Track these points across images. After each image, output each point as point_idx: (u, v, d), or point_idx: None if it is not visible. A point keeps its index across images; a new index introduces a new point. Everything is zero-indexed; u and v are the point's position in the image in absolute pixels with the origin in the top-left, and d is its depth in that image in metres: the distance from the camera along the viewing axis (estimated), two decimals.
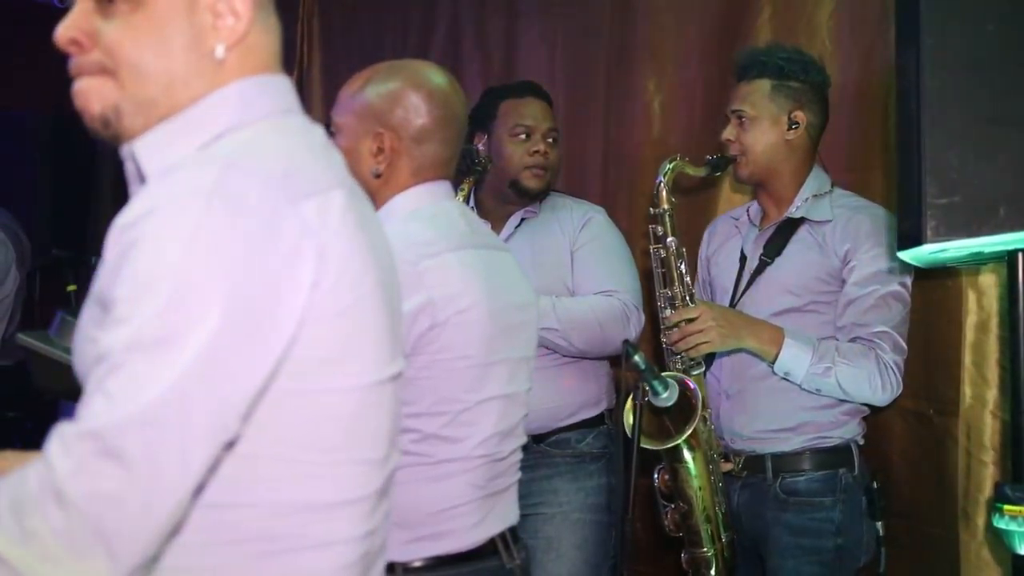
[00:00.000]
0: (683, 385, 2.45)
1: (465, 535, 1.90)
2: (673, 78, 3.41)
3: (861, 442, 2.64)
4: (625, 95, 3.51)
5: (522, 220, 2.99)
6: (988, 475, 2.63)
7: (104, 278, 1.15)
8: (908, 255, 1.83)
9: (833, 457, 2.58)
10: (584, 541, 2.84)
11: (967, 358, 2.69)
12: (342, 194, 1.26)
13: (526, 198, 2.96)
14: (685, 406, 2.46)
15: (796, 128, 2.64)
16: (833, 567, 2.53)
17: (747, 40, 3.15)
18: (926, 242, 1.71)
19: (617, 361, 2.93)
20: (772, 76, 2.64)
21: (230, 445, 1.16)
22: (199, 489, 1.14)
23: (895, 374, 2.51)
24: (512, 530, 2.00)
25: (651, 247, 2.66)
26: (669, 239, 2.64)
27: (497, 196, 2.98)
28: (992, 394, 2.65)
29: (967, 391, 2.69)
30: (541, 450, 2.84)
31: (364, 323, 1.27)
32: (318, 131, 1.37)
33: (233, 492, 1.20)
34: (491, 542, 1.94)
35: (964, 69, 1.71)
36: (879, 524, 2.56)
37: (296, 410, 1.22)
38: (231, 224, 1.12)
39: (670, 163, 2.68)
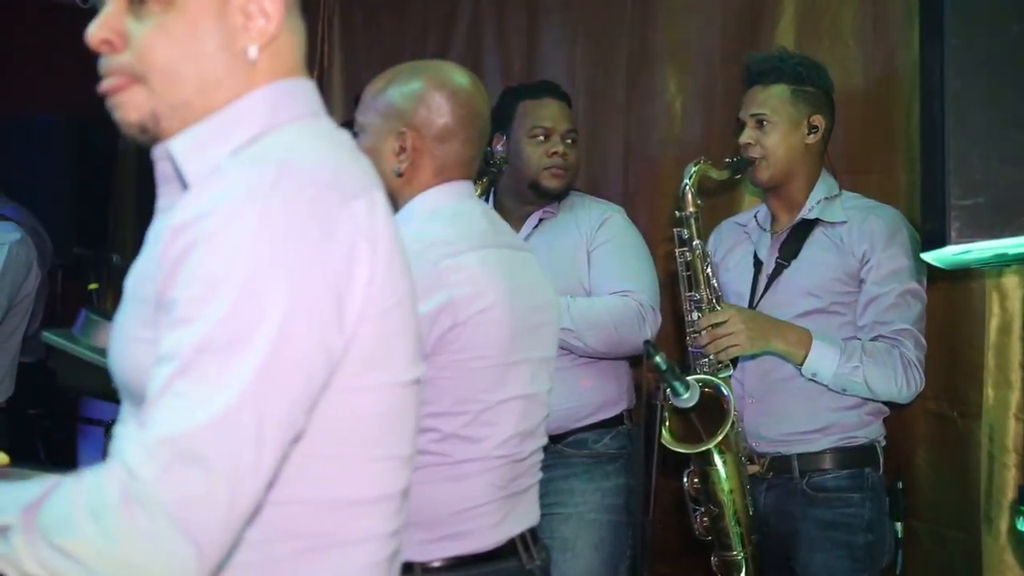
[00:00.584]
0: (716, 390, 2.47)
1: (485, 535, 1.90)
2: (694, 79, 3.41)
3: (883, 443, 2.65)
4: (646, 96, 3.50)
5: (540, 220, 2.99)
6: (1010, 478, 2.61)
7: (157, 279, 1.16)
8: (931, 256, 1.82)
9: (859, 456, 2.60)
10: (601, 541, 2.84)
11: (990, 360, 2.68)
12: (381, 194, 1.28)
13: (546, 198, 2.96)
14: (714, 408, 2.46)
15: (816, 133, 2.67)
16: (865, 563, 2.54)
17: (770, 41, 3.14)
18: (950, 243, 1.70)
19: (638, 361, 2.93)
20: (790, 81, 2.66)
21: (295, 441, 1.18)
22: (270, 485, 1.16)
23: (917, 371, 2.54)
24: (532, 531, 2.00)
25: (676, 250, 2.66)
26: (695, 242, 2.64)
27: (516, 197, 2.98)
28: (1015, 397, 2.63)
29: (990, 393, 2.67)
30: (557, 450, 2.83)
31: (402, 322, 1.29)
32: (345, 134, 1.38)
33: (288, 488, 1.22)
34: (511, 543, 1.94)
35: (988, 70, 1.70)
36: (899, 525, 2.58)
37: (343, 406, 1.24)
38: (292, 224, 1.14)
39: (695, 166, 2.67)
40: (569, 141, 2.95)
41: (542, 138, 2.92)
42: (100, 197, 4.51)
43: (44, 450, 4.09)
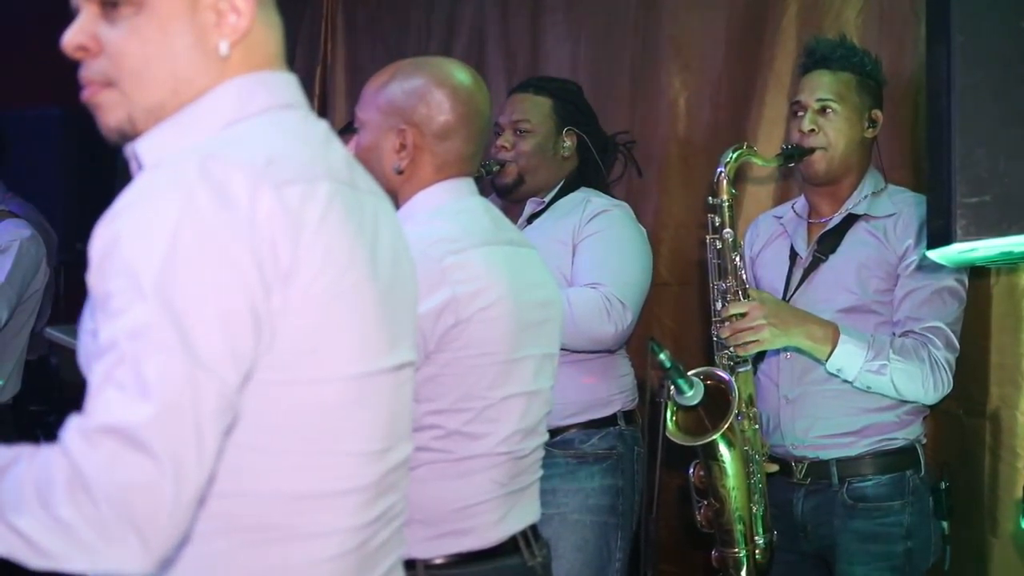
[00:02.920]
0: (716, 377, 2.39)
1: (487, 532, 1.90)
2: (698, 75, 3.40)
3: (924, 442, 2.58)
4: (650, 93, 3.50)
5: (532, 215, 2.94)
6: (1016, 477, 2.60)
7: (94, 272, 1.17)
8: (937, 254, 1.81)
9: (899, 459, 2.52)
10: (584, 543, 2.77)
11: (994, 358, 2.66)
12: (330, 184, 1.27)
13: (507, 196, 2.92)
14: (721, 401, 2.38)
15: (874, 128, 2.58)
16: (904, 571, 2.48)
17: (774, 37, 3.14)
18: (955, 241, 1.69)
19: (643, 360, 2.89)
20: (856, 71, 2.55)
21: (227, 433, 1.18)
22: (211, 476, 1.16)
23: (946, 372, 2.44)
24: (533, 527, 2.00)
25: (708, 237, 2.54)
26: (726, 230, 2.51)
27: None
28: (1020, 395, 2.62)
29: (994, 392, 2.66)
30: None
31: (348, 315, 1.27)
32: (320, 125, 1.38)
33: (226, 481, 1.22)
34: (512, 539, 1.94)
35: (995, 66, 1.69)
36: (944, 524, 2.53)
37: (277, 401, 1.24)
38: (213, 212, 1.14)
39: (734, 151, 2.53)
40: (517, 131, 2.89)
41: (497, 135, 2.88)
42: (102, 192, 4.48)
43: None
